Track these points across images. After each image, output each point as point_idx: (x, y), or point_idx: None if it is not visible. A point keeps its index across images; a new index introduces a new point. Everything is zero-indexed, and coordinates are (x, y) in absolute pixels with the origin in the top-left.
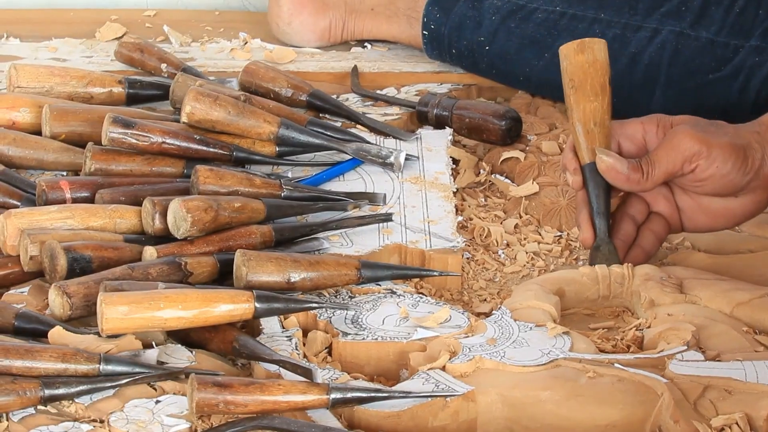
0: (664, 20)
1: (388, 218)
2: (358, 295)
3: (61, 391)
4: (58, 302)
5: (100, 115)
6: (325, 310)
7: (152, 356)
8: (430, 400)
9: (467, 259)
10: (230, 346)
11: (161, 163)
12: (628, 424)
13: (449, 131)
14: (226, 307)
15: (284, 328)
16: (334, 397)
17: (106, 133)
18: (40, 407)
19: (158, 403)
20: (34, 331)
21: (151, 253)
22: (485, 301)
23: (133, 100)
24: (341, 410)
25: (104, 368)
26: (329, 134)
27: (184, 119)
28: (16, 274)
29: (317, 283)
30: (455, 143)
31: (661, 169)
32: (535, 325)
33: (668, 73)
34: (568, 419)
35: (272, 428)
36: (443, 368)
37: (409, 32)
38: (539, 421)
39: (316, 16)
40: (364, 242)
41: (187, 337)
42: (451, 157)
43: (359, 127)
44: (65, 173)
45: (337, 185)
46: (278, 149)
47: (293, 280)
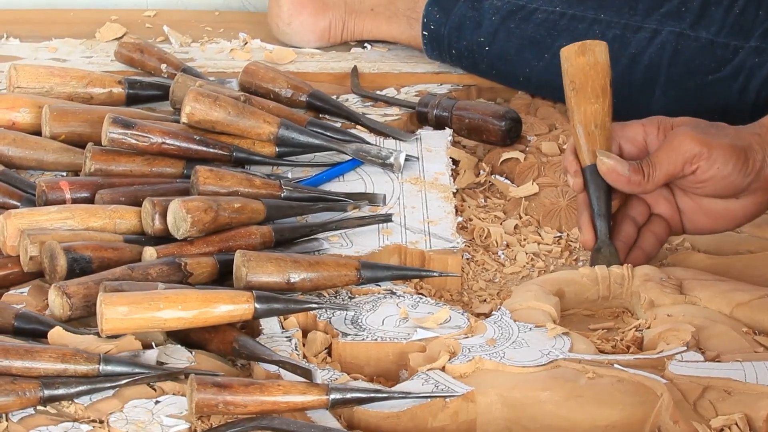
0: (663, 21)
1: (387, 219)
2: (357, 295)
3: (60, 391)
4: (57, 303)
5: (99, 115)
6: (324, 310)
7: (152, 357)
8: (429, 400)
9: (467, 259)
10: (230, 346)
11: (161, 163)
12: (627, 424)
13: (449, 132)
14: (225, 307)
15: (284, 328)
16: (333, 397)
17: (105, 133)
18: (39, 408)
19: (158, 403)
20: (33, 331)
21: (150, 253)
22: (485, 301)
23: (132, 100)
24: (341, 411)
25: (104, 369)
26: (329, 135)
27: (183, 120)
28: (15, 274)
29: (317, 283)
30: (455, 144)
31: (662, 170)
32: (534, 325)
33: (668, 73)
34: (567, 420)
35: (272, 429)
36: (443, 369)
37: (408, 33)
38: (539, 421)
39: (315, 16)
40: (363, 243)
41: (186, 337)
42: (450, 157)
43: (359, 127)
44: (65, 174)
45: (336, 186)
46: (278, 150)
47: (293, 280)
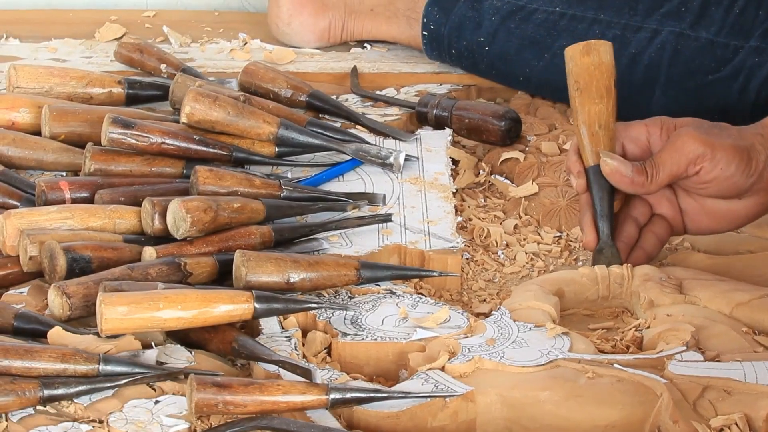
0: (663, 21)
1: (387, 219)
2: (357, 295)
3: (60, 391)
4: (57, 302)
5: (99, 115)
6: (324, 310)
7: (151, 356)
8: (429, 400)
9: (467, 259)
10: (229, 346)
11: (161, 163)
12: (627, 424)
13: (449, 132)
14: (225, 307)
15: (283, 328)
16: (333, 397)
17: (105, 133)
18: (39, 407)
19: (157, 403)
20: (33, 331)
21: (150, 253)
22: (484, 301)
23: (132, 100)
24: (340, 410)
25: (103, 368)
26: (329, 135)
27: (183, 120)
28: (15, 274)
29: (316, 283)
30: (455, 144)
31: (665, 171)
32: (534, 325)
33: (668, 73)
34: (567, 420)
35: (271, 428)
36: (442, 368)
37: (408, 33)
38: (538, 421)
39: (315, 16)
40: (363, 243)
41: (186, 337)
42: (450, 157)
43: (359, 127)
44: (65, 173)
45: (336, 186)
46: (278, 150)
47: (292, 280)
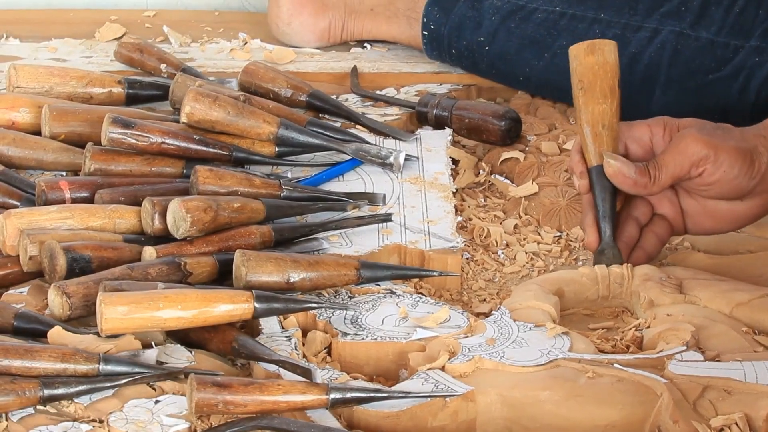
0: (664, 20)
1: (387, 218)
2: (357, 295)
3: (60, 391)
4: (57, 302)
5: (99, 115)
6: (324, 310)
7: (151, 356)
8: (429, 400)
9: (467, 259)
10: (229, 346)
11: (161, 163)
12: (627, 424)
13: (449, 132)
14: (225, 307)
15: (283, 328)
16: (333, 397)
17: (105, 133)
18: (39, 407)
19: (157, 403)
20: (33, 331)
21: (150, 253)
22: (485, 301)
23: (132, 100)
24: (340, 410)
25: (103, 368)
26: (329, 134)
27: (183, 119)
28: (15, 274)
29: (317, 283)
30: (455, 143)
31: (668, 173)
32: (534, 325)
33: (668, 73)
34: (567, 419)
35: (272, 428)
36: (442, 368)
37: (408, 32)
38: (538, 421)
39: (315, 16)
40: (363, 242)
41: (186, 337)
42: (450, 157)
43: (359, 127)
44: (65, 173)
45: (336, 185)
46: (278, 149)
47: (293, 280)
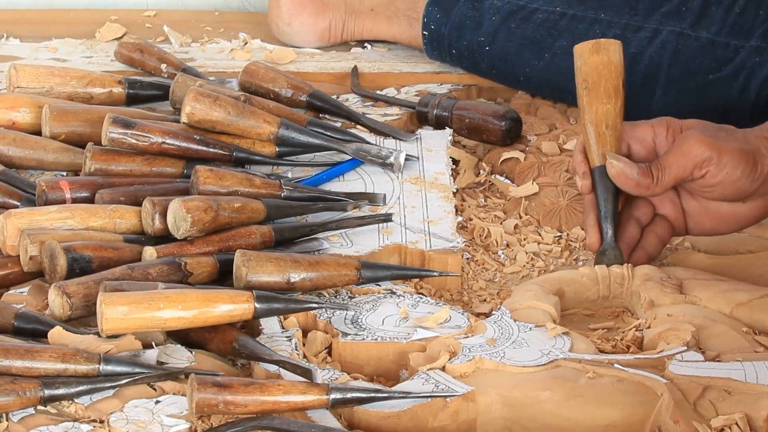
0: (664, 20)
1: (387, 218)
2: (357, 295)
3: (60, 391)
4: (57, 302)
5: (100, 115)
6: (324, 310)
7: (152, 356)
8: (429, 400)
9: (467, 259)
10: (230, 346)
11: (161, 163)
12: (627, 424)
13: (449, 132)
14: (225, 307)
15: (284, 328)
16: (333, 397)
17: (106, 133)
18: (39, 407)
19: (158, 403)
20: (33, 331)
21: (150, 253)
22: (485, 301)
23: (133, 100)
24: (341, 410)
25: (104, 368)
26: (329, 134)
27: (184, 119)
28: (15, 274)
29: (317, 283)
30: (455, 144)
31: (671, 174)
32: (534, 325)
33: (668, 73)
34: (567, 419)
35: (272, 428)
36: (443, 368)
37: (409, 33)
38: (539, 421)
39: (315, 16)
40: (363, 242)
41: (186, 337)
42: (451, 157)
43: (359, 127)
44: (65, 173)
45: (337, 185)
46: (278, 149)
47: (293, 280)
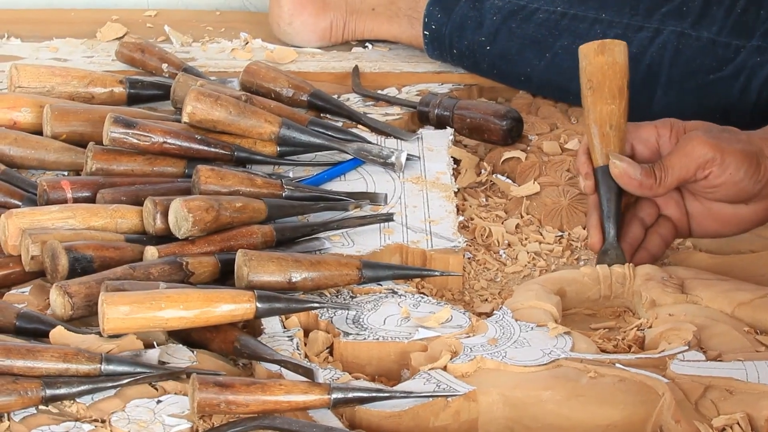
0: (665, 20)
1: (389, 218)
2: (359, 295)
3: (62, 391)
4: (59, 302)
5: (101, 115)
6: (326, 310)
7: (153, 356)
8: (431, 400)
9: (468, 259)
10: (231, 346)
11: (162, 162)
12: (629, 424)
13: (450, 131)
14: (227, 307)
15: (285, 328)
16: (335, 397)
17: (107, 132)
18: (41, 407)
19: (159, 403)
20: (35, 331)
21: (152, 252)
22: (486, 301)
23: (134, 100)
24: (343, 410)
25: (105, 368)
26: (330, 134)
27: (185, 119)
28: (17, 274)
29: (318, 283)
30: (456, 143)
31: (674, 175)
32: (536, 325)
33: (669, 73)
34: (569, 419)
35: (274, 428)
36: (444, 368)
37: (410, 32)
38: (540, 421)
39: (316, 16)
40: (365, 242)
41: (188, 337)
42: (452, 157)
43: (360, 127)
44: (66, 173)
45: (338, 185)
46: (279, 149)
47: (294, 280)
